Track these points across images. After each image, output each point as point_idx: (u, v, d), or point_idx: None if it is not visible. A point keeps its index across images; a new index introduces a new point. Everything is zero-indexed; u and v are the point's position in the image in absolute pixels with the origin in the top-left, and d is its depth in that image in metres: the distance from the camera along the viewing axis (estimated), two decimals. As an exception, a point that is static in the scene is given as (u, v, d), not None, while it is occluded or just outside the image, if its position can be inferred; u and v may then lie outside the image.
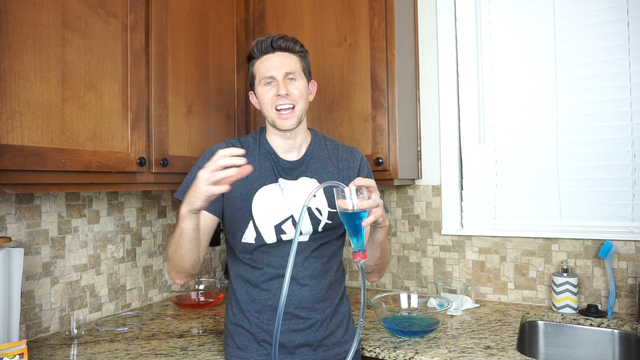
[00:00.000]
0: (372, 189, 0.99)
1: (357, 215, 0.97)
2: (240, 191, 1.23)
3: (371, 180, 0.98)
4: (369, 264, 1.23)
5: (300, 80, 1.24)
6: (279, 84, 1.20)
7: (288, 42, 1.23)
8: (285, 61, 1.22)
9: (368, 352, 1.37)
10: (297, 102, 1.22)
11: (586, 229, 1.74)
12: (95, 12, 1.30)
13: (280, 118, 1.21)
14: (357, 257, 0.97)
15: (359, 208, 0.96)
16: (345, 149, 1.35)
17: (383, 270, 1.31)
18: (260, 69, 1.23)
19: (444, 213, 1.96)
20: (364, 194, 0.98)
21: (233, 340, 1.26)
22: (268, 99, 1.22)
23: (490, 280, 1.88)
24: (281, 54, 1.22)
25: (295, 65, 1.23)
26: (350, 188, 0.97)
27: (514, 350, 1.32)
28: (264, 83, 1.23)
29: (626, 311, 1.65)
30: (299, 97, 1.22)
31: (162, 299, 1.96)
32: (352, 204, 0.96)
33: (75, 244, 1.62)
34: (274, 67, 1.21)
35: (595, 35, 1.75)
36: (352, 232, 0.98)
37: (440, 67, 1.98)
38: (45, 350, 1.37)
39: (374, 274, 1.30)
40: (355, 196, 0.96)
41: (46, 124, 1.16)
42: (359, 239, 0.98)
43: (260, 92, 1.24)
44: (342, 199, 0.97)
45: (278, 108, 1.21)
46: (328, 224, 1.24)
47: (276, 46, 1.22)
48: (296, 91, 1.22)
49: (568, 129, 1.79)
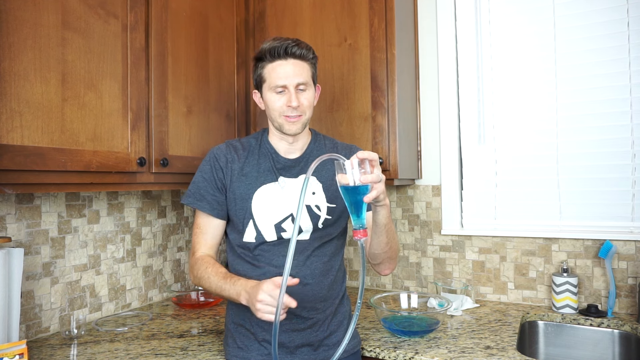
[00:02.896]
0: (374, 163, 0.97)
1: (358, 190, 0.92)
2: (240, 191, 1.23)
3: (374, 154, 0.96)
4: (377, 252, 1.22)
5: (309, 90, 1.23)
6: (291, 95, 1.20)
7: (302, 50, 1.21)
8: (298, 70, 1.20)
9: (368, 352, 1.37)
10: (305, 112, 1.23)
11: (586, 229, 1.74)
12: (95, 12, 1.30)
13: (288, 122, 1.22)
14: (358, 235, 0.93)
15: (361, 182, 0.92)
16: (344, 146, 1.36)
17: (394, 261, 1.28)
18: (272, 76, 1.21)
19: (444, 213, 1.96)
20: (365, 168, 0.94)
21: (233, 340, 1.26)
22: (278, 107, 1.22)
23: (490, 280, 1.88)
24: (294, 62, 1.20)
25: (307, 74, 1.22)
26: (352, 161, 0.93)
27: (514, 350, 1.32)
28: (274, 90, 1.21)
29: (626, 311, 1.65)
30: (307, 107, 1.23)
31: (162, 299, 1.96)
32: (354, 178, 0.92)
33: (75, 244, 1.62)
34: (287, 76, 1.19)
35: (595, 36, 1.74)
36: (353, 208, 0.94)
37: (440, 67, 1.98)
38: (45, 350, 1.37)
39: (385, 265, 1.27)
40: (357, 170, 0.92)
41: (46, 124, 1.16)
42: (359, 215, 0.94)
43: (270, 99, 1.23)
44: (343, 174, 0.93)
45: (286, 116, 1.21)
46: (327, 220, 1.25)
47: (290, 53, 1.20)
48: (305, 102, 1.22)
49: (568, 129, 1.79)
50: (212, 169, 1.25)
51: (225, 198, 1.25)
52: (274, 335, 0.91)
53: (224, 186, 1.25)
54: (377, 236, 1.17)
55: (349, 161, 0.93)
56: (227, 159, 1.26)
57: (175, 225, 2.03)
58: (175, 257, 2.03)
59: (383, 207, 1.09)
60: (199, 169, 1.28)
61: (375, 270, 1.31)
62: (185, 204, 1.27)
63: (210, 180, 1.25)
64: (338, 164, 0.94)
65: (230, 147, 1.29)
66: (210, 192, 1.24)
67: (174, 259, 2.02)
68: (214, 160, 1.26)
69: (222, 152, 1.27)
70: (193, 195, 1.26)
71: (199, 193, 1.25)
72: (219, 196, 1.25)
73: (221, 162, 1.26)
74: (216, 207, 1.25)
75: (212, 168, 1.26)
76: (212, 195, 1.24)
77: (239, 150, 1.28)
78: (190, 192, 1.27)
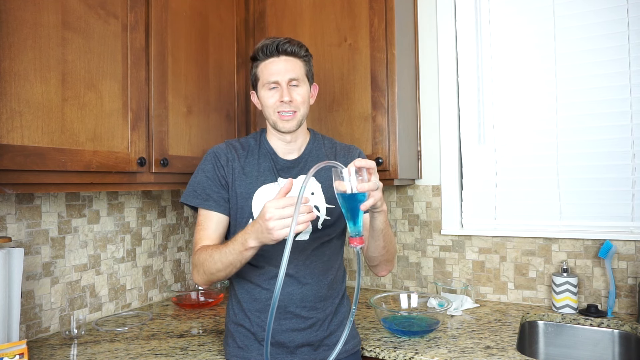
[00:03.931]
0: (372, 171, 0.97)
1: (355, 198, 0.93)
2: (241, 189, 1.24)
3: (372, 162, 0.96)
4: (374, 256, 1.22)
5: (303, 86, 1.24)
6: (283, 90, 1.21)
7: (294, 47, 1.23)
8: (289, 66, 1.22)
9: (368, 352, 1.37)
10: (298, 109, 1.23)
11: (586, 229, 1.74)
12: (95, 12, 1.30)
13: (281, 120, 1.22)
14: (354, 243, 0.93)
15: (358, 190, 0.92)
16: (343, 146, 1.36)
17: (391, 263, 1.28)
18: (265, 73, 1.23)
19: (444, 213, 1.96)
20: (363, 176, 0.94)
21: (234, 340, 1.26)
22: (271, 103, 1.23)
23: (490, 280, 1.88)
24: (286, 59, 1.22)
25: (299, 70, 1.23)
26: (349, 169, 0.93)
27: (514, 350, 1.32)
28: (267, 87, 1.23)
29: (626, 311, 1.65)
30: (301, 103, 1.23)
31: (162, 299, 1.96)
32: (351, 185, 0.92)
33: (75, 244, 1.62)
34: (278, 72, 1.21)
35: (595, 35, 1.74)
36: (350, 215, 0.94)
37: (440, 67, 1.98)
38: (45, 350, 1.37)
39: (382, 267, 1.27)
40: (354, 178, 0.92)
41: (46, 124, 1.16)
42: (356, 222, 0.94)
43: (264, 96, 1.24)
44: (340, 181, 0.93)
45: (280, 112, 1.22)
46: (327, 220, 1.25)
47: (282, 50, 1.21)
48: (299, 97, 1.23)
49: (568, 129, 1.79)
50: (215, 167, 1.25)
51: (228, 195, 1.25)
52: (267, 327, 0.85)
53: (227, 183, 1.25)
54: (374, 240, 1.17)
55: (346, 169, 0.93)
56: (228, 157, 1.26)
57: (175, 225, 2.03)
58: (175, 257, 2.03)
59: (380, 213, 1.09)
60: (200, 169, 1.27)
61: (372, 271, 1.31)
62: (193, 205, 1.24)
63: (214, 179, 1.25)
64: (335, 171, 0.94)
65: (230, 147, 1.29)
66: (215, 190, 1.24)
67: (174, 259, 2.02)
68: (215, 158, 1.26)
69: (222, 151, 1.27)
70: (199, 196, 1.24)
71: (204, 193, 1.24)
72: (223, 193, 1.24)
73: (222, 160, 1.26)
74: (223, 205, 1.24)
75: (214, 166, 1.25)
76: (217, 193, 1.24)
77: (238, 149, 1.29)
78: (195, 194, 1.25)
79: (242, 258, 1.06)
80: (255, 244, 1.00)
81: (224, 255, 1.08)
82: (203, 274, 1.16)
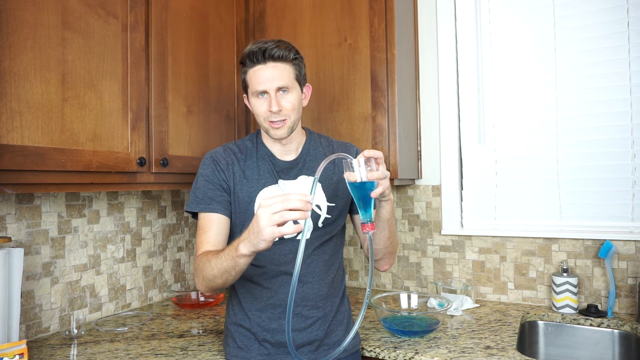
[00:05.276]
0: (380, 161, 1.01)
1: (365, 187, 0.99)
2: (243, 194, 1.23)
3: (379, 152, 1.00)
4: (379, 248, 1.23)
5: (292, 92, 1.21)
6: (272, 100, 1.18)
7: (282, 51, 1.17)
8: (277, 73, 1.17)
9: (368, 352, 1.37)
10: (289, 116, 1.20)
11: (586, 229, 1.74)
12: (95, 12, 1.30)
13: (272, 128, 1.21)
14: (366, 228, 0.99)
15: (368, 179, 0.98)
16: (340, 144, 1.36)
17: (394, 256, 1.31)
18: (253, 81, 1.20)
19: (444, 213, 1.96)
20: (372, 166, 1.00)
21: (233, 340, 1.26)
22: (261, 112, 1.21)
23: (490, 280, 1.88)
24: (274, 65, 1.17)
25: (287, 76, 1.19)
26: (358, 160, 0.98)
27: (514, 350, 1.32)
28: (256, 95, 1.21)
29: (626, 311, 1.65)
30: (291, 110, 1.20)
31: (162, 299, 1.96)
32: (361, 175, 0.98)
33: (75, 244, 1.62)
34: (266, 81, 1.17)
35: (595, 35, 1.74)
36: (362, 203, 1.00)
37: (440, 67, 1.98)
38: (45, 350, 1.37)
39: (385, 260, 1.29)
40: (364, 168, 0.98)
41: (46, 124, 1.16)
42: (367, 210, 1.00)
43: (254, 104, 1.22)
44: (350, 172, 0.99)
45: (270, 121, 1.20)
46: (327, 219, 1.26)
47: (268, 56, 1.16)
48: (288, 104, 1.19)
49: (568, 129, 1.79)
50: (215, 171, 1.24)
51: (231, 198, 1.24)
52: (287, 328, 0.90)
53: (229, 187, 1.24)
54: (380, 230, 1.19)
55: (356, 160, 0.99)
56: (227, 161, 1.25)
57: (175, 225, 2.03)
58: (175, 257, 2.03)
59: (387, 201, 1.13)
60: (200, 175, 1.25)
61: (375, 266, 1.32)
62: (198, 211, 1.22)
63: (215, 182, 1.23)
64: (346, 163, 1.00)
65: (228, 150, 1.28)
66: (218, 193, 1.22)
67: (174, 259, 2.02)
68: (215, 163, 1.25)
69: (220, 156, 1.26)
70: (202, 201, 1.22)
71: (207, 197, 1.22)
72: (226, 196, 1.23)
73: (222, 164, 1.25)
74: (227, 207, 1.23)
75: (214, 171, 1.24)
76: (220, 196, 1.22)
77: (237, 153, 1.27)
78: (198, 200, 1.22)
79: (236, 265, 1.02)
80: (246, 250, 0.97)
81: (219, 261, 1.05)
82: (202, 279, 1.13)
